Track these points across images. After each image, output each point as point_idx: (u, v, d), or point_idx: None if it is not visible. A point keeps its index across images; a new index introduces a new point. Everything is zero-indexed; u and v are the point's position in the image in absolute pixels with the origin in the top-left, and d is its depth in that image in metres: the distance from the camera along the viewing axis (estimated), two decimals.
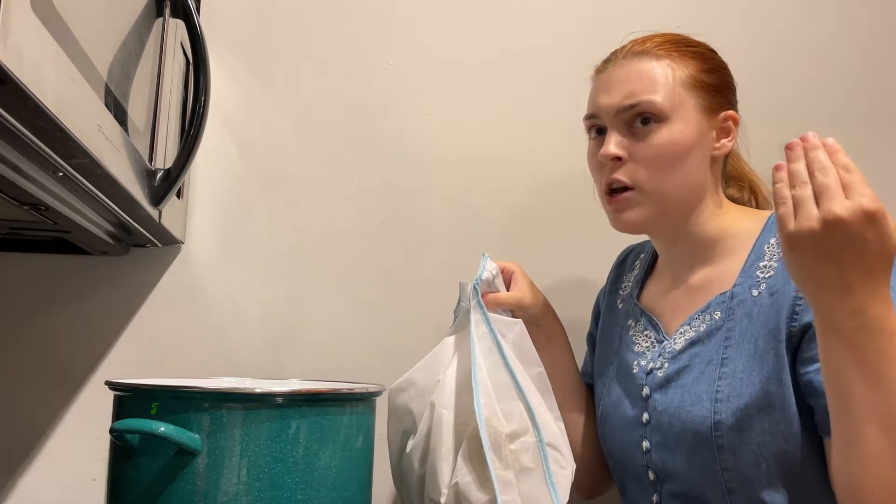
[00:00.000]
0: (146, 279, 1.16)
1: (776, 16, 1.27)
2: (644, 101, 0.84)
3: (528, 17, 1.25)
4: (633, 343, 0.93)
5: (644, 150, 0.84)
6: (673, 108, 0.84)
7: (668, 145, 0.84)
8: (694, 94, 0.86)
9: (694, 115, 0.85)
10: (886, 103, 1.25)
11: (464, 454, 0.83)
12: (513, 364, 0.87)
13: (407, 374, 0.91)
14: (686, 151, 0.85)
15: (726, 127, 0.88)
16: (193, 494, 0.70)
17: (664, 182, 0.85)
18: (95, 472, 1.10)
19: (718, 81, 0.88)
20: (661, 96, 0.84)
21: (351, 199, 1.20)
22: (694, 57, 0.87)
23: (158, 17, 0.90)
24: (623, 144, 0.85)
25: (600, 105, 0.88)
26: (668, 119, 0.84)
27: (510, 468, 0.81)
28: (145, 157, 0.87)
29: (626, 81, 0.86)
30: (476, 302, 0.90)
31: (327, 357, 1.16)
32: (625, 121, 0.86)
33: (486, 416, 0.82)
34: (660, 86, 0.84)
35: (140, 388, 0.76)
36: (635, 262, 1.03)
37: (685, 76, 0.86)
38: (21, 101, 0.52)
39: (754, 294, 0.82)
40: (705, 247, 0.89)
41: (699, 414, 0.80)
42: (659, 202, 0.86)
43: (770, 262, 0.83)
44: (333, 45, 1.23)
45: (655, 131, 0.84)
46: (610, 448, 0.93)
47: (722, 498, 0.80)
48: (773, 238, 0.84)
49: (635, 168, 0.85)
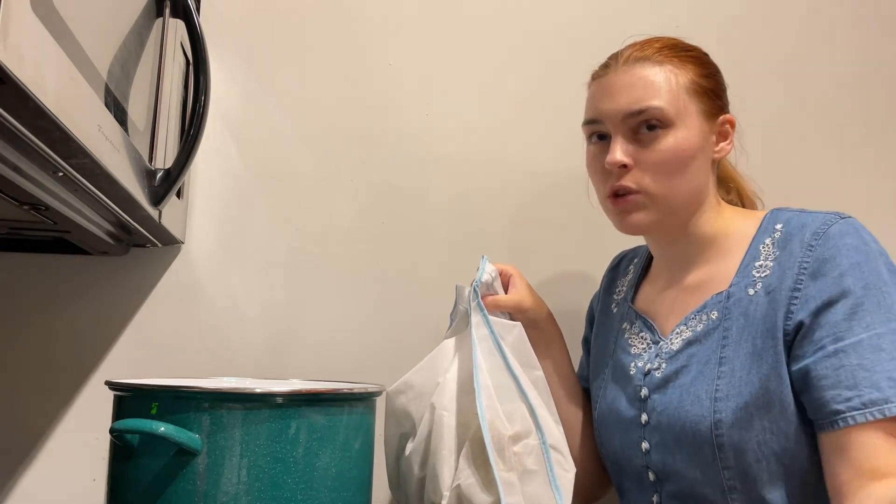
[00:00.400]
0: (146, 279, 1.16)
1: (774, 18, 1.27)
2: (652, 107, 0.84)
3: (528, 17, 1.25)
4: (630, 346, 0.93)
5: (651, 156, 0.84)
6: (678, 115, 0.84)
7: (675, 151, 0.84)
8: (696, 99, 0.86)
9: (696, 120, 0.86)
10: (886, 104, 1.26)
11: (466, 456, 0.82)
12: (514, 366, 0.87)
13: (405, 376, 0.91)
14: (691, 157, 0.85)
15: (724, 131, 0.89)
16: (193, 494, 0.70)
17: (670, 187, 0.85)
18: (95, 472, 1.10)
19: (715, 86, 0.89)
20: (667, 102, 0.84)
21: (351, 199, 1.20)
22: (692, 62, 0.88)
23: (158, 17, 0.90)
24: (629, 151, 0.85)
25: (603, 111, 0.87)
26: (674, 125, 0.84)
27: (514, 470, 0.81)
28: (145, 157, 0.87)
29: (631, 87, 0.86)
30: (476, 304, 0.90)
31: (327, 357, 1.16)
32: (630, 127, 0.85)
33: (489, 418, 0.82)
34: (665, 92, 0.85)
35: (140, 388, 0.76)
36: (629, 266, 1.03)
37: (687, 82, 0.86)
38: (21, 101, 0.52)
39: (750, 293, 0.82)
40: (702, 247, 0.89)
41: (699, 413, 0.81)
42: (665, 206, 0.86)
43: (766, 262, 0.83)
44: (333, 45, 1.23)
45: (662, 138, 0.84)
46: (608, 450, 0.93)
47: (723, 497, 0.80)
48: (767, 238, 0.84)
49: (642, 175, 0.85)
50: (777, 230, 0.84)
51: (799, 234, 0.81)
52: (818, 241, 0.79)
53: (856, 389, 0.73)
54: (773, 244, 0.83)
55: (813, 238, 0.80)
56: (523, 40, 1.24)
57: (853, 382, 0.73)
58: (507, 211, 1.21)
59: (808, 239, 0.80)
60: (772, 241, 0.84)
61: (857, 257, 0.78)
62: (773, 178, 1.02)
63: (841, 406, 0.74)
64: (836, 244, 0.79)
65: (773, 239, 0.84)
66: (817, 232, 0.80)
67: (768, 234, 0.85)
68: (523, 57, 1.24)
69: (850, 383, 0.73)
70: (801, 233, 0.81)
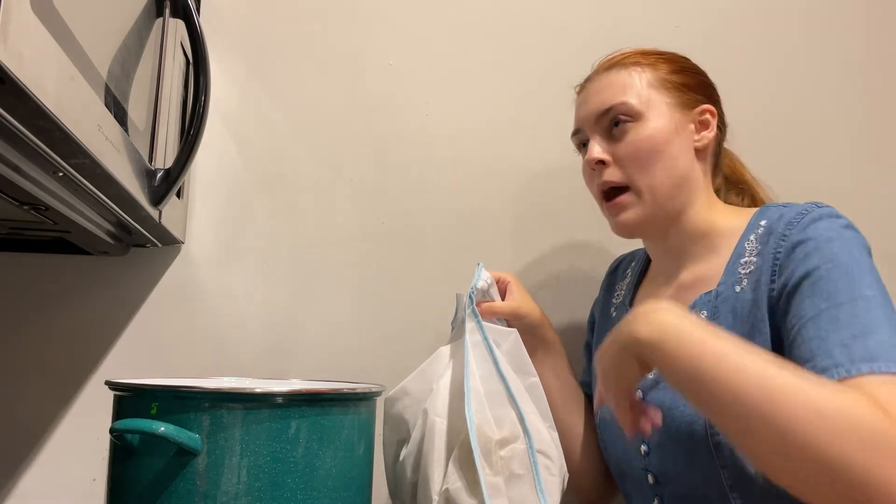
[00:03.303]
0: (146, 279, 1.16)
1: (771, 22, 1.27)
2: (617, 103, 0.89)
3: (528, 17, 1.25)
4: None
5: (623, 148, 0.89)
6: (645, 106, 0.88)
7: (645, 139, 0.88)
8: (663, 92, 0.90)
9: (666, 110, 0.89)
10: (885, 105, 1.26)
11: (455, 461, 0.83)
12: (506, 372, 0.87)
13: (402, 383, 0.92)
14: (663, 143, 0.88)
15: (704, 120, 0.91)
16: (193, 494, 0.70)
17: (650, 176, 0.88)
18: (95, 472, 1.10)
19: (689, 80, 0.92)
20: (631, 97, 0.89)
21: (351, 199, 1.20)
22: (662, 61, 0.92)
23: (158, 17, 0.90)
24: (605, 149, 0.90)
25: (580, 118, 0.94)
26: (642, 116, 0.88)
27: (500, 474, 0.82)
28: (145, 157, 0.87)
29: (600, 92, 0.91)
30: (471, 310, 0.91)
31: (327, 357, 1.16)
32: (603, 127, 0.90)
33: (478, 423, 0.82)
34: (629, 88, 0.89)
35: (140, 388, 0.76)
36: (627, 270, 1.04)
37: (653, 78, 0.90)
38: (21, 101, 0.52)
39: (737, 290, 0.83)
40: (693, 242, 0.90)
41: (691, 414, 0.80)
42: (651, 198, 0.88)
43: (750, 258, 0.83)
44: (333, 45, 1.23)
45: (632, 130, 0.88)
46: (611, 455, 0.94)
47: (725, 497, 0.80)
48: (752, 234, 0.85)
49: (620, 168, 0.89)
50: (761, 226, 0.84)
51: (777, 225, 0.82)
52: (791, 230, 0.80)
53: (812, 361, 0.71)
54: (756, 240, 0.84)
55: (787, 227, 0.80)
56: (524, 40, 1.24)
57: (810, 354, 0.72)
58: (507, 211, 1.21)
59: (782, 229, 0.80)
60: (755, 237, 0.84)
61: (825, 237, 0.77)
62: (768, 181, 1.00)
63: None
64: (807, 228, 0.79)
65: (756, 235, 0.84)
66: (791, 221, 0.80)
67: (753, 231, 0.85)
68: (524, 57, 1.24)
69: (808, 356, 0.72)
70: (779, 224, 0.82)
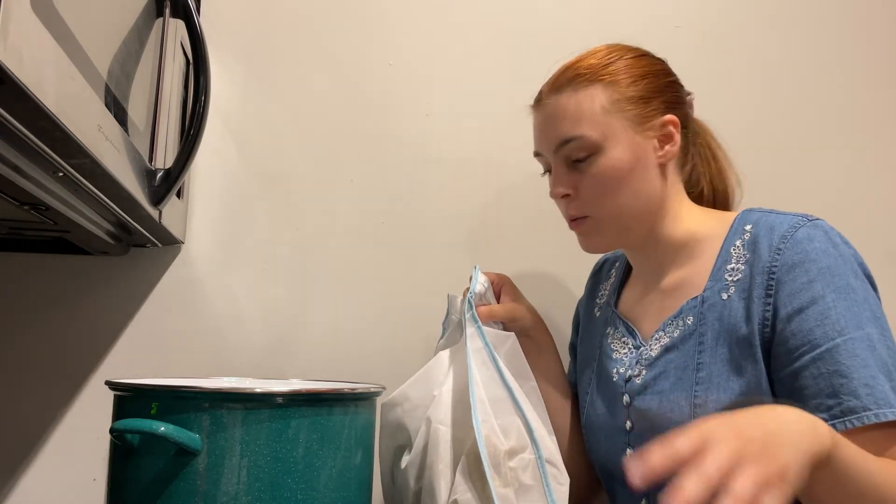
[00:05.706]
0: (146, 279, 1.16)
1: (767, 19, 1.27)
2: (573, 136, 0.86)
3: (528, 18, 1.25)
4: (612, 350, 0.93)
5: (588, 182, 0.87)
6: (603, 136, 0.85)
7: (609, 172, 0.86)
8: (619, 115, 0.85)
9: (625, 135, 0.86)
10: (885, 104, 1.25)
11: (462, 471, 0.82)
12: (508, 379, 0.86)
13: (400, 388, 0.90)
14: (627, 173, 0.86)
15: (667, 132, 0.88)
16: (193, 494, 0.70)
17: (615, 206, 0.87)
18: (95, 472, 1.10)
19: (649, 87, 0.87)
20: (587, 129, 0.85)
21: (351, 199, 1.20)
22: (614, 74, 0.87)
23: (158, 17, 0.90)
24: (569, 181, 0.88)
25: (539, 146, 0.92)
26: (602, 148, 0.85)
27: (510, 485, 0.80)
28: (145, 157, 0.87)
29: (554, 119, 0.88)
30: (471, 315, 0.89)
31: (327, 357, 1.16)
32: (563, 156, 0.88)
33: (485, 434, 0.81)
34: (584, 119, 0.85)
35: (140, 388, 0.76)
36: (611, 270, 1.04)
37: (607, 101, 0.85)
38: (21, 101, 0.52)
39: (724, 297, 0.82)
40: (674, 251, 0.89)
41: (679, 420, 0.80)
42: (616, 226, 0.88)
43: (737, 265, 0.83)
44: (333, 45, 1.23)
45: (593, 162, 0.86)
46: (596, 456, 0.93)
47: None
48: (738, 240, 0.84)
49: (584, 202, 0.88)
50: (747, 231, 0.83)
51: (767, 236, 0.81)
52: (785, 245, 0.79)
53: (836, 398, 0.72)
54: (743, 246, 0.83)
55: (781, 241, 0.79)
56: (524, 41, 1.24)
57: (833, 391, 0.73)
58: (507, 211, 1.21)
59: (776, 242, 0.79)
60: (742, 243, 0.83)
61: (826, 261, 0.77)
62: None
63: (824, 415, 0.73)
64: (805, 248, 0.78)
65: (742, 241, 0.83)
66: (785, 235, 0.79)
67: (738, 236, 0.84)
68: (524, 57, 1.24)
69: (830, 391, 0.73)
70: (770, 235, 0.80)
